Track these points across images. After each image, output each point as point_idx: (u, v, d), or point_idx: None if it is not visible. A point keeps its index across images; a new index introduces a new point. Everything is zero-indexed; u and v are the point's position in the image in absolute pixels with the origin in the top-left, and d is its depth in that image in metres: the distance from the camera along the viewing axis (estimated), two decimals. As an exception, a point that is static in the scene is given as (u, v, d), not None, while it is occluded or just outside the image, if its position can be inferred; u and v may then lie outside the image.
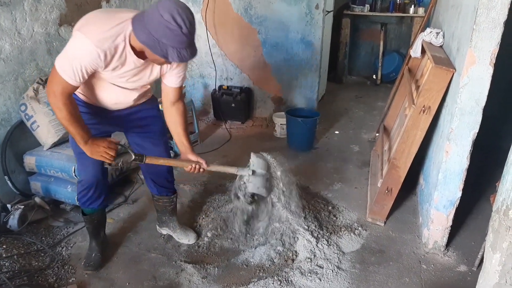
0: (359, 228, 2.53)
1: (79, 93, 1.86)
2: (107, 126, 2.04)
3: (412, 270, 2.21)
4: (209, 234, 2.44)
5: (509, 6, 1.77)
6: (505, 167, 1.31)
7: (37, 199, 2.55)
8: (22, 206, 2.39)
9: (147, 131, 2.10)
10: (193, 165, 1.95)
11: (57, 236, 2.42)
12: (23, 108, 2.53)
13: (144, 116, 2.06)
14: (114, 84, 1.79)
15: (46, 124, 2.53)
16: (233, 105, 4.12)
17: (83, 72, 1.61)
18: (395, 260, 2.28)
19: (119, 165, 1.86)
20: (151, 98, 2.09)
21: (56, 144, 2.59)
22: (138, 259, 2.26)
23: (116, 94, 1.85)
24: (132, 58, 1.68)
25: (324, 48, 4.27)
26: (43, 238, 2.39)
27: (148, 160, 1.90)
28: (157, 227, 2.49)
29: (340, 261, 2.24)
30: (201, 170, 1.97)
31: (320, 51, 4.02)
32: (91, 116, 1.91)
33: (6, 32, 2.45)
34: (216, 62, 4.25)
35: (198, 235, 2.44)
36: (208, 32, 4.15)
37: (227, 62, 4.27)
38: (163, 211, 2.38)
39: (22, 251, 2.24)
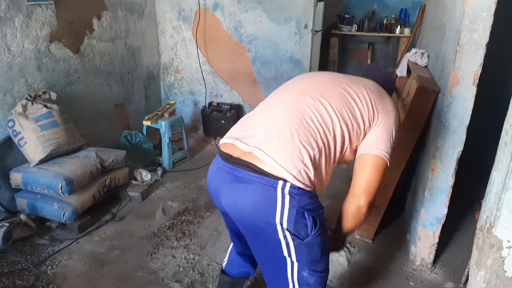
0: (348, 245, 2.53)
1: (313, 189, 1.34)
2: None
3: (400, 288, 2.21)
4: (199, 253, 2.42)
5: (490, 29, 1.83)
6: (488, 185, 1.34)
7: (22, 217, 2.51)
8: (7, 224, 2.35)
9: None
10: None
11: (42, 255, 2.37)
12: (10, 124, 2.51)
13: None
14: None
15: (34, 140, 2.51)
16: (222, 121, 4.14)
17: None
18: (383, 277, 2.28)
19: None
20: None
21: (43, 161, 2.57)
22: (125, 278, 2.23)
23: None
24: None
25: (313, 66, 4.34)
26: (28, 257, 2.34)
27: None
28: None
29: (328, 279, 2.23)
30: None
31: (309, 69, 4.08)
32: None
33: (-5, 48, 2.46)
34: (206, 79, 4.28)
35: None
36: (198, 50, 4.20)
37: (217, 80, 4.31)
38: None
39: (6, 270, 2.19)
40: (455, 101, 1.98)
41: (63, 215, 2.47)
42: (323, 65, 5.58)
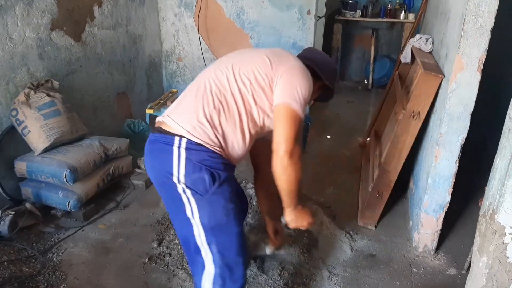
0: (351, 232, 2.54)
1: (216, 148, 1.41)
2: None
3: (403, 274, 2.22)
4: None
5: (495, 13, 1.80)
6: (491, 172, 1.33)
7: (27, 205, 2.53)
8: (13, 212, 2.37)
9: None
10: None
11: (48, 242, 2.40)
12: (14, 113, 2.52)
13: None
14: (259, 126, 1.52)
15: (37, 129, 2.52)
16: (225, 109, 4.13)
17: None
18: (386, 263, 2.30)
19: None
20: None
21: (47, 150, 2.58)
22: (129, 265, 2.25)
23: (252, 141, 1.55)
24: None
25: (315, 53, 4.31)
26: (34, 244, 2.37)
27: None
28: None
29: (332, 265, 2.25)
30: None
31: (311, 56, 4.05)
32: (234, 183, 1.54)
33: (-3, 37, 2.45)
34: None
35: None
36: (200, 37, 4.17)
37: (219, 67, 4.28)
38: None
39: (13, 258, 2.22)
40: (459, 87, 1.96)
41: (68, 204, 2.49)
42: (326, 51, 5.53)
